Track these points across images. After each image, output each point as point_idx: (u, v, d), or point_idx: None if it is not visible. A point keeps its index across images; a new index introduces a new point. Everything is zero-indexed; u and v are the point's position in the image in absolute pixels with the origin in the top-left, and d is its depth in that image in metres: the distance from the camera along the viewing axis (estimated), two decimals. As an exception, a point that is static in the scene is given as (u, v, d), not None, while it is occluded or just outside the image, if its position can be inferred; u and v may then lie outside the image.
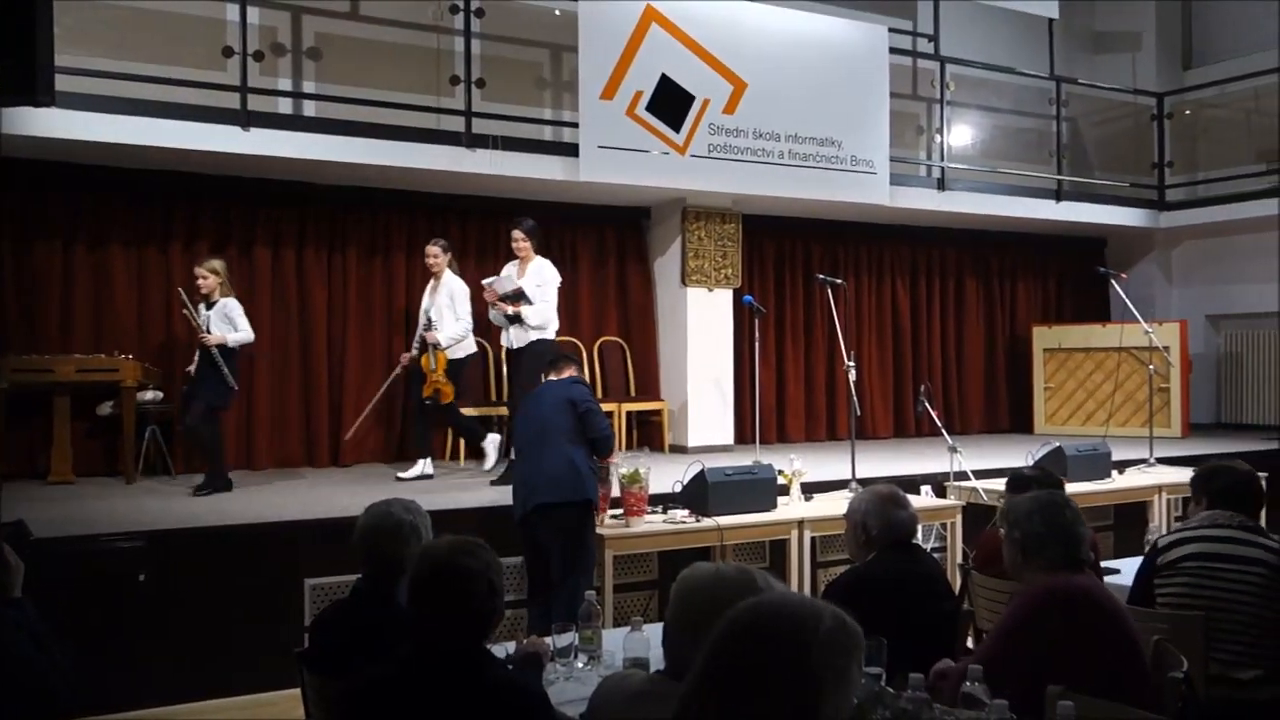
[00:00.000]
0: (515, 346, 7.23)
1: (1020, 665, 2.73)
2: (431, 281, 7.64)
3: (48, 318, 7.49)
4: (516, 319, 7.13)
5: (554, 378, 5.49)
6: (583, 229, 9.47)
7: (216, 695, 5.24)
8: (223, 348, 6.76)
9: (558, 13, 8.37)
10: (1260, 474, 4.22)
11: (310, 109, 7.79)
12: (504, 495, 5.82)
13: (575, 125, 8.19)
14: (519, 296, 7.07)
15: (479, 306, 7.49)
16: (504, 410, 8.21)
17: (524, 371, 7.01)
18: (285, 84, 7.83)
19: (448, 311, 7.42)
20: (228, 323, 6.85)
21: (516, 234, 7.29)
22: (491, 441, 7.48)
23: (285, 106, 7.71)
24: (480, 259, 8.99)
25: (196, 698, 5.20)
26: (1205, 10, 12.12)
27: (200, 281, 6.87)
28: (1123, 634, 2.88)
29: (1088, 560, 3.08)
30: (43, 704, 2.44)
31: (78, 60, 6.60)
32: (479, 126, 7.90)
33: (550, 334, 7.25)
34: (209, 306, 6.88)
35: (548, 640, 3.23)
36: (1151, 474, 7.76)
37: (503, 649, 3.14)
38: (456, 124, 7.87)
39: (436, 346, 7.29)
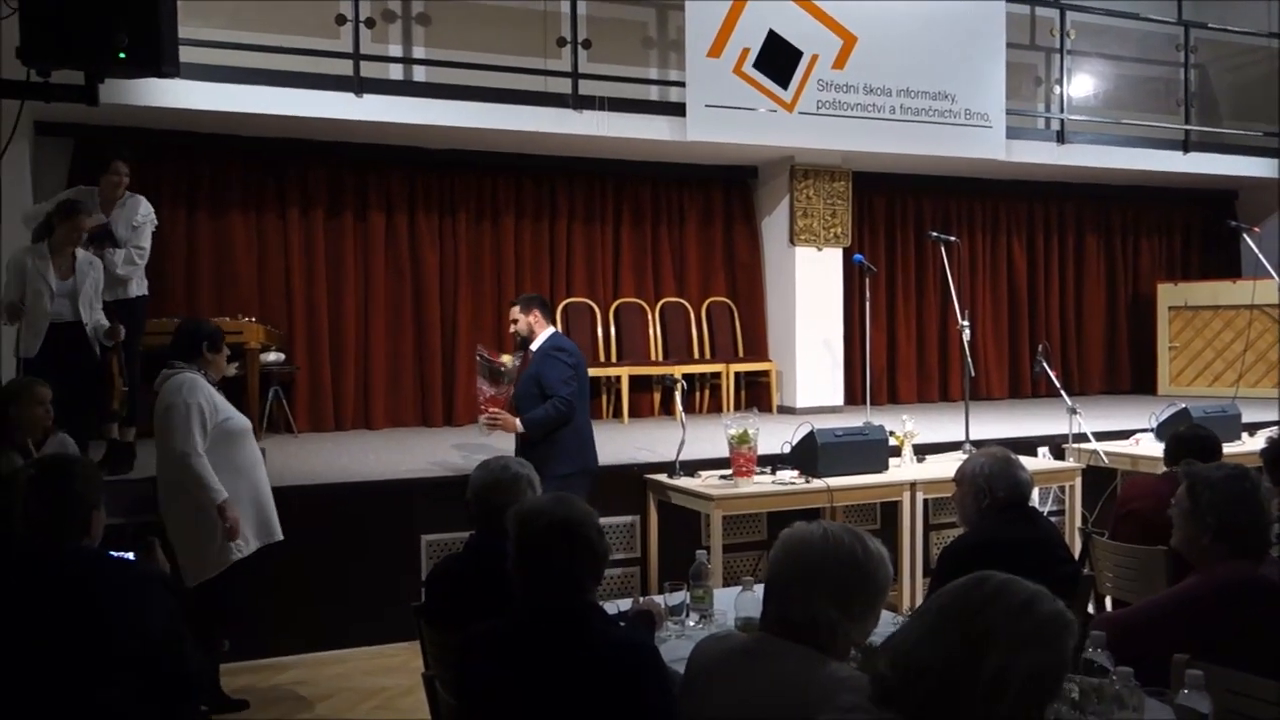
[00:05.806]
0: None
1: (1173, 645, 2.55)
2: None
3: (174, 283, 7.74)
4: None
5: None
6: (689, 189, 9.42)
7: (338, 647, 5.45)
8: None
9: (664, -29, 8.29)
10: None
11: (420, 74, 7.89)
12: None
13: (682, 85, 8.13)
14: (106, 236, 5.83)
15: None
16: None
17: (133, 339, 5.96)
18: (396, 50, 7.95)
19: None
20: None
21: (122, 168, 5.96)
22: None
23: (396, 72, 7.82)
24: (588, 221, 9.03)
25: (319, 648, 5.42)
26: (1350, -55, 11.40)
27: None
28: None
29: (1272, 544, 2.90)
30: (185, 692, 2.65)
31: (196, 32, 6.78)
32: (585, 88, 7.90)
33: (145, 290, 6.12)
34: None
35: (660, 599, 3.26)
36: (1285, 436, 7.41)
37: (615, 606, 3.18)
38: (563, 86, 7.87)
39: None
